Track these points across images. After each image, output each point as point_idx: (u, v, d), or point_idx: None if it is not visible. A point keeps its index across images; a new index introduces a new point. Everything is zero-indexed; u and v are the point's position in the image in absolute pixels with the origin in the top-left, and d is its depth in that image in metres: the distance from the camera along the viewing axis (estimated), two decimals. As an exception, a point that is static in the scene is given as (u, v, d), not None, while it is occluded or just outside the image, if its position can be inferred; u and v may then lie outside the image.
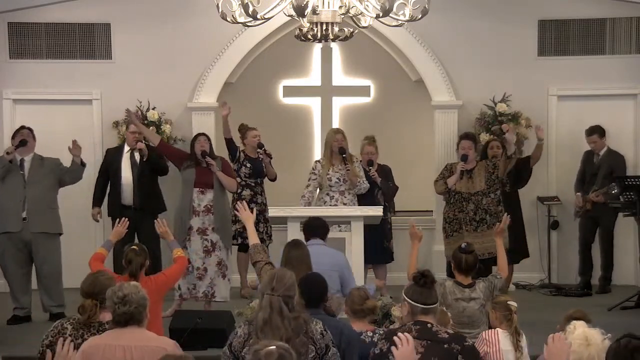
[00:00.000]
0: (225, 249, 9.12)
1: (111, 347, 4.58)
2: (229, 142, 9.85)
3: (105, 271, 5.52)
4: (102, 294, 5.10)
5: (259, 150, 9.86)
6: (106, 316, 5.12)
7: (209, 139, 9.31)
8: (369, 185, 9.55)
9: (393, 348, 4.06)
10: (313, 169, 9.66)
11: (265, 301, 4.61)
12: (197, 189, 9.06)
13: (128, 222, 7.21)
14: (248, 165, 9.87)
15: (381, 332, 5.74)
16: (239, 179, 9.83)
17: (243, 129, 10.01)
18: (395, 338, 4.10)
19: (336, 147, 9.52)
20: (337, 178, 9.48)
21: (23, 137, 8.95)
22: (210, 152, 9.23)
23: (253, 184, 9.91)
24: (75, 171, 9.06)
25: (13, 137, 9.04)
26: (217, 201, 9.08)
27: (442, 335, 4.51)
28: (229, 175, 9.21)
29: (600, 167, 10.34)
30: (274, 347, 3.65)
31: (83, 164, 9.07)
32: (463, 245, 6.63)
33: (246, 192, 9.81)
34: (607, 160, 10.36)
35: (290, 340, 4.51)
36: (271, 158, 9.88)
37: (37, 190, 8.87)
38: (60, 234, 9.04)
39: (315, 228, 7.23)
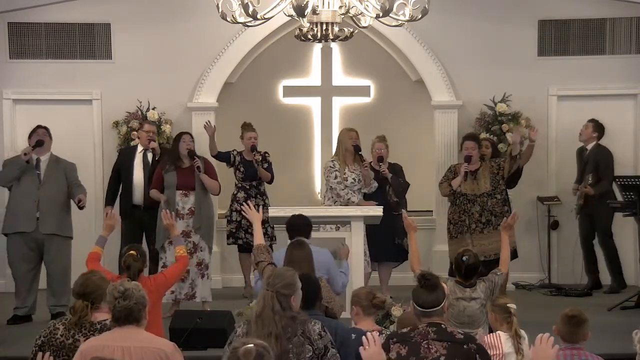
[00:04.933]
0: (207, 247, 9.11)
1: (110, 348, 4.58)
2: (217, 157, 9.85)
3: (97, 271, 5.49)
4: (94, 294, 5.13)
5: (252, 153, 9.84)
6: (98, 316, 5.13)
7: (193, 138, 9.30)
8: (377, 184, 9.54)
9: (361, 349, 4.08)
10: (332, 167, 9.49)
11: (260, 295, 4.72)
12: (180, 191, 9.05)
13: (115, 214, 7.15)
14: (242, 169, 9.87)
15: (388, 334, 5.74)
16: (235, 181, 9.85)
17: (243, 128, 9.99)
18: (363, 338, 4.12)
19: (351, 144, 9.47)
20: (353, 178, 9.43)
21: (39, 137, 8.99)
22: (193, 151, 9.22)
23: (247, 187, 9.90)
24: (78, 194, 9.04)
25: (29, 137, 9.06)
26: (200, 203, 9.06)
27: (459, 336, 4.53)
28: (212, 177, 9.18)
29: (587, 162, 10.38)
30: (252, 345, 3.64)
31: (81, 208, 9.03)
32: (464, 258, 6.60)
33: (240, 194, 9.83)
34: (593, 155, 10.39)
35: (279, 337, 4.54)
36: (258, 164, 9.77)
37: (51, 190, 8.90)
38: (71, 238, 9.05)
39: (300, 227, 7.13)
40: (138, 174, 9.56)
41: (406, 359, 4.43)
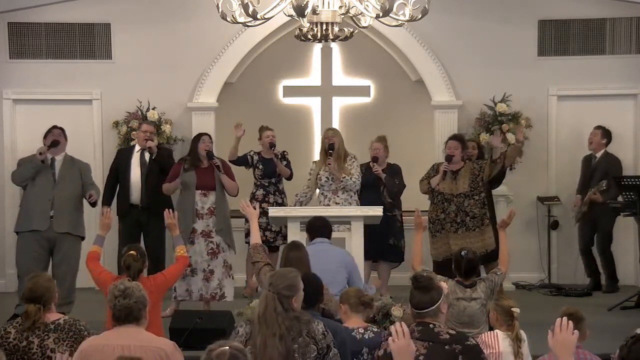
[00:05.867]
0: (228, 248, 9.12)
1: (110, 347, 4.58)
2: (237, 162, 9.86)
3: (43, 273, 5.51)
4: (44, 296, 5.17)
5: (271, 150, 9.90)
6: (50, 317, 5.15)
7: (211, 139, 9.31)
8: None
9: (390, 340, 4.05)
10: (310, 169, 9.68)
11: (262, 296, 4.73)
12: (200, 191, 9.05)
13: (110, 211, 7.15)
14: (260, 166, 9.91)
15: (375, 330, 5.74)
16: (253, 180, 9.89)
17: (260, 130, 10.04)
18: (391, 329, 4.08)
19: (326, 144, 9.54)
20: (326, 177, 9.48)
21: (55, 138, 8.97)
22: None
23: (266, 184, 9.94)
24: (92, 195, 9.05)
25: (45, 137, 9.05)
26: (220, 203, 9.07)
27: (444, 336, 4.46)
28: (230, 178, 9.19)
29: (596, 170, 10.36)
30: (227, 347, 3.65)
31: (92, 204, 9.02)
32: (463, 253, 6.62)
33: (259, 192, 9.89)
34: (603, 162, 10.38)
35: (284, 337, 4.57)
36: (278, 158, 9.90)
37: (65, 190, 8.89)
38: (83, 238, 9.03)
39: (319, 228, 7.26)
40: (135, 174, 9.57)
41: (390, 356, 4.41)
